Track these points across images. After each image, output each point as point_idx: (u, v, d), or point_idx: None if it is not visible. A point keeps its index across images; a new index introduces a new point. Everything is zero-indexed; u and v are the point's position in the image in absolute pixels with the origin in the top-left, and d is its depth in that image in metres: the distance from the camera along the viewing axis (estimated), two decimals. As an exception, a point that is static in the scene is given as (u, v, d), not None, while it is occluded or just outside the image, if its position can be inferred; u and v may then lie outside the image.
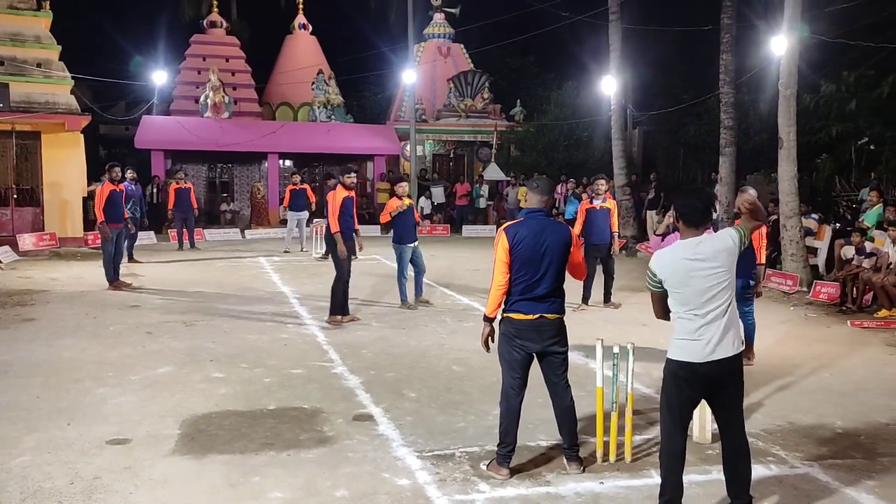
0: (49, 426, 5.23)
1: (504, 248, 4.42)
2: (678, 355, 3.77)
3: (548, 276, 4.42)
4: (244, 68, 26.53)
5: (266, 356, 7.31)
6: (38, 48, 17.02)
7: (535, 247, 4.40)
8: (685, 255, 3.73)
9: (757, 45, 16.85)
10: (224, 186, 25.07)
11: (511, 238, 4.42)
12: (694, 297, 3.71)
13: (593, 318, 9.37)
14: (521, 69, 31.51)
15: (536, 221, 4.49)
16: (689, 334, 3.72)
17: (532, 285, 4.41)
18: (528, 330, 4.44)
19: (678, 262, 3.74)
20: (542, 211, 4.55)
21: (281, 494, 4.22)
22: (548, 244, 4.42)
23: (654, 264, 3.83)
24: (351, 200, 9.09)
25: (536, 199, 4.57)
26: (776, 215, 12.76)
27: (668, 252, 3.83)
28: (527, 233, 4.43)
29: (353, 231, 9.11)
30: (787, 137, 12.35)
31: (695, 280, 3.69)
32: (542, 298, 4.43)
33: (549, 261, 4.42)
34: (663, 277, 3.77)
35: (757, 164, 18.87)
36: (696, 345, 3.70)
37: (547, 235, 4.43)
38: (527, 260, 4.40)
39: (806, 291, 11.47)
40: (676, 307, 3.78)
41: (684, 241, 3.80)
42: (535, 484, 4.42)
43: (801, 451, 5.01)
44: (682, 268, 3.71)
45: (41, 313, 9.32)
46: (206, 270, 13.44)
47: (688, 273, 3.70)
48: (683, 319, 3.75)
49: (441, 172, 26.74)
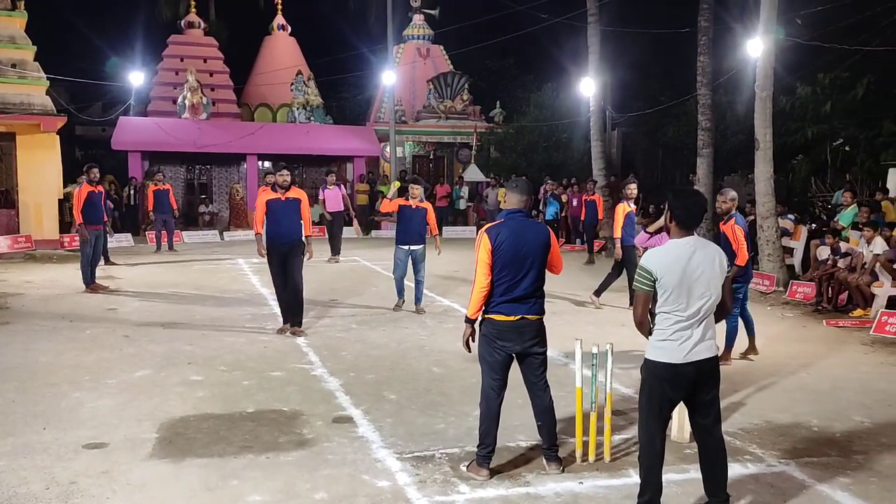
0: (25, 430, 5.16)
1: (486, 250, 4.43)
2: (658, 356, 3.79)
3: (529, 276, 4.44)
4: (222, 69, 26.34)
5: (245, 358, 7.26)
6: (12, 48, 16.79)
7: (516, 248, 4.41)
8: (682, 254, 3.75)
9: (734, 47, 17.04)
10: (202, 188, 24.87)
11: (493, 239, 4.43)
12: (684, 297, 3.72)
13: (574, 319, 9.42)
14: (500, 71, 31.60)
15: (517, 222, 4.50)
16: (671, 335, 3.75)
17: (513, 286, 4.42)
18: (509, 331, 4.45)
19: (676, 260, 3.74)
20: (522, 212, 4.57)
21: (260, 498, 4.19)
22: (529, 245, 4.44)
23: (649, 262, 3.80)
24: (280, 203, 8.04)
25: (516, 199, 4.58)
26: (753, 216, 12.89)
27: (663, 251, 3.84)
28: (508, 234, 4.44)
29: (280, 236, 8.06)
30: (764, 139, 12.49)
31: (690, 280, 3.71)
32: (524, 299, 4.45)
33: (531, 262, 4.43)
34: (659, 276, 3.75)
35: (734, 164, 19.08)
36: (677, 346, 3.74)
37: (528, 236, 4.45)
38: (508, 261, 4.41)
39: (782, 291, 11.61)
40: (662, 307, 3.78)
41: (679, 241, 3.81)
42: (514, 484, 4.43)
43: (777, 449, 5.07)
44: (679, 267, 3.72)
45: (16, 317, 9.19)
46: (184, 272, 13.33)
47: (684, 272, 3.72)
48: (667, 320, 3.76)
49: (421, 174, 26.70)
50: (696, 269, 3.73)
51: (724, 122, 18.87)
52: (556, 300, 10.45)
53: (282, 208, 8.07)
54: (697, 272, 3.73)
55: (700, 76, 15.97)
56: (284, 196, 8.12)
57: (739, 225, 7.14)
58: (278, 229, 8.05)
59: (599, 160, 19.16)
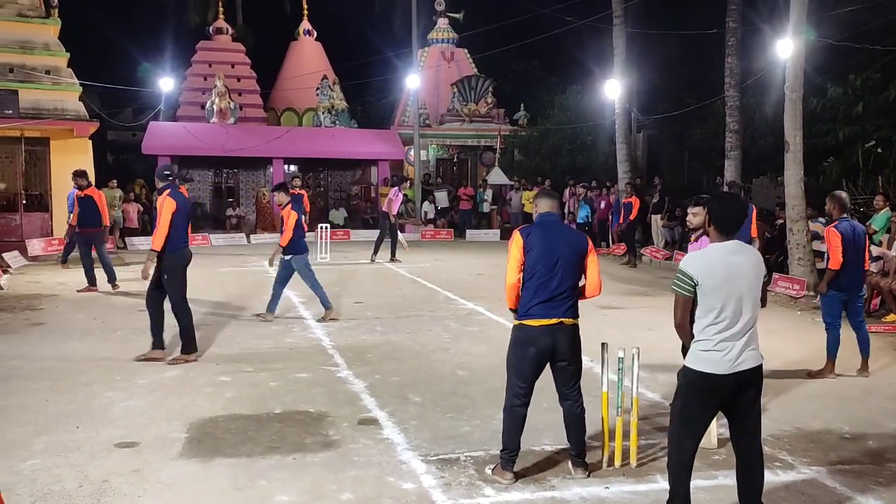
0: (58, 429, 5.26)
1: (518, 247, 4.47)
2: (701, 366, 3.66)
3: (560, 277, 4.42)
4: (249, 74, 26.63)
5: (271, 360, 7.33)
6: (46, 55, 17.14)
7: (547, 247, 4.43)
8: (722, 257, 3.66)
9: (762, 48, 16.84)
10: (230, 191, 25.17)
11: (525, 237, 4.47)
12: (728, 302, 3.61)
13: (599, 322, 9.37)
14: (524, 73, 31.55)
15: (550, 224, 4.55)
16: (715, 346, 3.63)
17: (544, 286, 4.41)
18: (544, 336, 4.42)
19: (718, 263, 3.64)
20: (554, 215, 4.62)
21: (287, 498, 4.23)
22: (560, 246, 4.44)
23: (689, 265, 3.70)
24: (182, 211, 7.19)
25: (548, 203, 4.64)
26: (782, 219, 12.73)
27: (703, 254, 3.77)
28: (540, 233, 4.48)
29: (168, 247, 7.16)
30: (794, 141, 12.33)
31: (731, 284, 3.61)
32: (556, 301, 4.42)
33: (563, 262, 4.43)
34: (700, 280, 3.64)
35: (763, 167, 18.85)
36: (721, 357, 3.62)
37: (560, 238, 4.48)
38: (540, 261, 4.42)
39: (813, 296, 11.44)
40: (705, 313, 3.66)
41: (720, 244, 3.72)
42: (539, 488, 4.42)
43: (808, 456, 5.00)
44: (721, 270, 3.62)
45: (50, 317, 9.36)
46: (211, 275, 13.47)
47: (728, 275, 3.62)
48: (711, 329, 3.64)
49: (445, 177, 26.77)
50: (737, 273, 3.63)
51: (752, 124, 18.64)
52: (580, 303, 10.38)
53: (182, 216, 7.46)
54: (740, 276, 3.63)
55: (728, 77, 15.81)
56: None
57: (837, 230, 6.88)
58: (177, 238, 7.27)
59: (625, 163, 19.05)
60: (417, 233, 22.23)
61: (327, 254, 15.65)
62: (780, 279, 12.16)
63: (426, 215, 23.59)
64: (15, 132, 16.48)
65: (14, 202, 17.03)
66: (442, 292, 11.69)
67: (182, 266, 7.30)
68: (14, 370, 6.83)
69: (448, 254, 17.88)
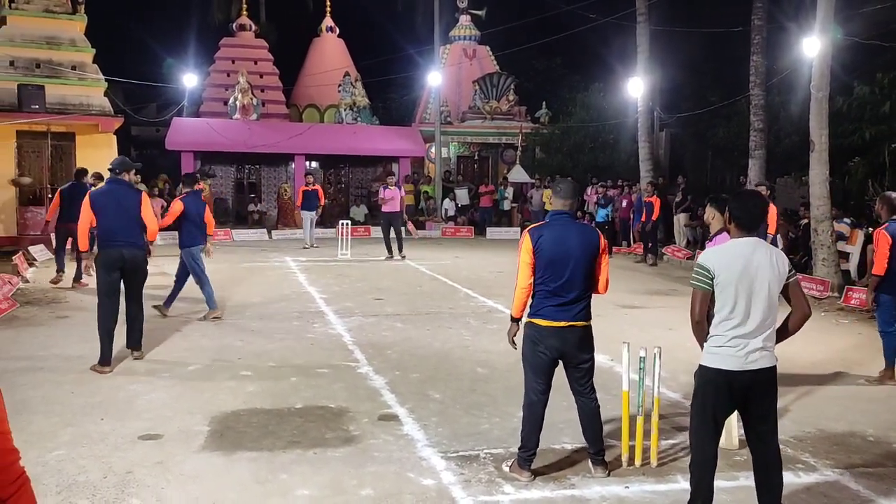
0: (84, 421, 5.34)
1: (527, 250, 4.40)
2: (714, 362, 3.66)
3: (572, 280, 4.35)
4: (272, 70, 26.79)
5: (292, 355, 7.39)
6: (73, 51, 17.37)
7: (558, 249, 4.35)
8: (742, 252, 3.64)
9: (788, 46, 16.66)
10: (252, 187, 25.35)
11: (534, 240, 4.39)
12: (743, 298, 3.59)
13: (620, 321, 9.33)
14: (546, 71, 31.44)
15: (561, 224, 4.45)
16: (728, 342, 3.62)
17: (556, 289, 4.36)
18: (552, 336, 4.40)
19: (735, 258, 3.62)
20: (567, 213, 4.51)
21: (307, 492, 4.27)
22: (572, 247, 4.35)
23: (708, 259, 3.69)
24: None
25: (561, 201, 4.53)
26: (806, 219, 12.60)
27: (721, 248, 3.75)
28: (550, 234, 4.39)
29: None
30: (819, 140, 12.19)
31: (749, 280, 3.59)
32: (568, 304, 4.37)
33: (574, 264, 4.35)
34: (717, 273, 3.62)
35: (787, 167, 18.64)
36: (734, 352, 3.61)
37: (571, 238, 4.38)
38: (550, 262, 4.36)
39: (837, 297, 11.32)
40: (719, 309, 3.65)
41: (740, 240, 3.70)
42: (559, 487, 4.42)
43: (831, 458, 4.96)
44: (739, 265, 3.60)
45: (75, 310, 9.49)
46: (233, 270, 13.59)
47: (745, 271, 3.59)
48: (725, 324, 3.64)
49: (465, 174, 26.76)
50: (756, 269, 3.61)
51: (777, 123, 18.44)
52: (601, 302, 10.35)
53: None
54: (757, 273, 3.60)
55: (753, 76, 15.66)
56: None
57: (887, 232, 6.57)
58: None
59: (647, 161, 18.93)
60: (438, 230, 22.26)
61: (348, 250, 15.71)
62: (804, 280, 12.03)
63: (447, 213, 23.61)
64: (41, 127, 16.70)
65: (40, 196, 17.26)
66: (462, 290, 11.70)
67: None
68: (40, 362, 6.94)
69: (468, 251, 17.88)
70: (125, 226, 6.67)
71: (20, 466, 1.85)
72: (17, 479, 1.83)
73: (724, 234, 5.10)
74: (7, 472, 1.81)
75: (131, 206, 6.76)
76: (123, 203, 6.74)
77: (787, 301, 3.73)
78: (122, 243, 6.65)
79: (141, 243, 6.86)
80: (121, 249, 6.65)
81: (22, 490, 1.83)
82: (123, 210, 6.71)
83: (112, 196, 6.77)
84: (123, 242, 6.65)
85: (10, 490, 1.81)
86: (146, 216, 6.86)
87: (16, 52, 16.88)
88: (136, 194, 6.90)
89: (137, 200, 6.80)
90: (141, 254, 6.84)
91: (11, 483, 1.82)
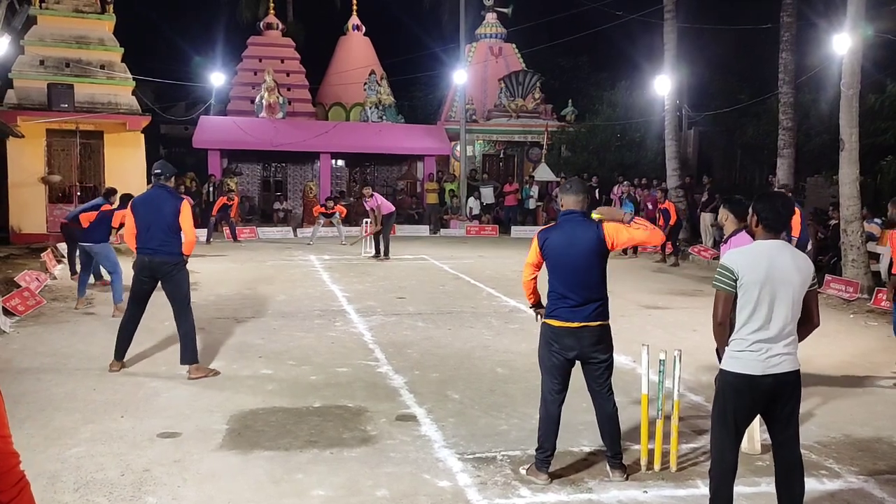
0: (104, 418, 5.40)
1: (534, 251, 4.49)
2: (735, 367, 3.59)
3: (583, 279, 4.32)
4: (299, 69, 26.94)
5: (313, 354, 7.41)
6: (101, 50, 17.63)
7: (566, 249, 4.34)
8: (767, 254, 3.57)
9: (818, 43, 16.38)
10: (277, 185, 25.52)
11: (541, 242, 4.44)
12: (766, 301, 3.52)
13: (642, 322, 9.24)
14: (573, 69, 31.24)
15: (571, 224, 4.42)
16: (750, 346, 3.56)
17: (566, 291, 4.34)
18: (567, 336, 4.36)
19: (760, 259, 3.56)
20: (578, 212, 4.47)
21: (323, 492, 4.26)
22: (579, 246, 4.33)
23: (731, 261, 3.62)
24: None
25: (571, 200, 4.49)
26: (836, 219, 12.37)
27: (746, 249, 3.68)
28: (559, 235, 4.40)
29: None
30: (849, 139, 11.96)
31: (773, 283, 3.52)
32: (580, 305, 4.33)
33: (585, 263, 4.32)
34: (741, 275, 3.55)
35: (817, 166, 18.34)
36: (756, 356, 3.55)
37: (577, 239, 4.35)
38: (558, 263, 4.37)
39: (867, 299, 11.08)
40: (741, 311, 3.58)
41: (765, 242, 3.64)
42: (576, 490, 4.37)
43: (856, 464, 4.84)
44: (763, 267, 3.53)
45: (100, 307, 9.60)
46: (257, 268, 13.69)
47: (770, 274, 3.52)
48: (747, 328, 3.57)
49: (491, 173, 26.69)
50: (781, 271, 3.53)
51: (807, 122, 18.15)
52: (624, 303, 10.26)
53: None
54: (782, 276, 3.53)
55: (782, 74, 15.42)
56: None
57: None
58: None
59: (674, 160, 18.74)
60: (462, 228, 22.22)
61: (372, 248, 15.74)
62: (833, 281, 11.81)
63: (471, 211, 23.57)
64: (70, 125, 16.97)
65: (69, 194, 17.55)
66: (485, 289, 11.66)
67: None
68: (64, 359, 7.04)
69: (492, 250, 17.83)
70: (154, 232, 6.43)
71: (20, 470, 1.86)
72: (18, 482, 1.84)
73: (739, 234, 5.06)
74: (8, 476, 1.83)
75: (168, 213, 6.44)
76: (160, 209, 6.46)
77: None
78: (148, 250, 6.47)
79: (172, 251, 6.47)
80: (144, 256, 6.50)
81: (22, 493, 1.84)
82: (157, 216, 6.44)
83: (151, 202, 6.55)
84: (149, 249, 6.47)
85: (12, 494, 1.82)
86: (184, 225, 6.53)
87: (46, 52, 17.17)
88: (175, 202, 6.55)
89: (176, 208, 6.47)
90: (169, 261, 6.46)
91: (13, 486, 1.83)
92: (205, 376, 6.47)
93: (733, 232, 5.17)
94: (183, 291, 6.57)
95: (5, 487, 1.81)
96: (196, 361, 6.53)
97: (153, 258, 6.45)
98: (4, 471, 1.82)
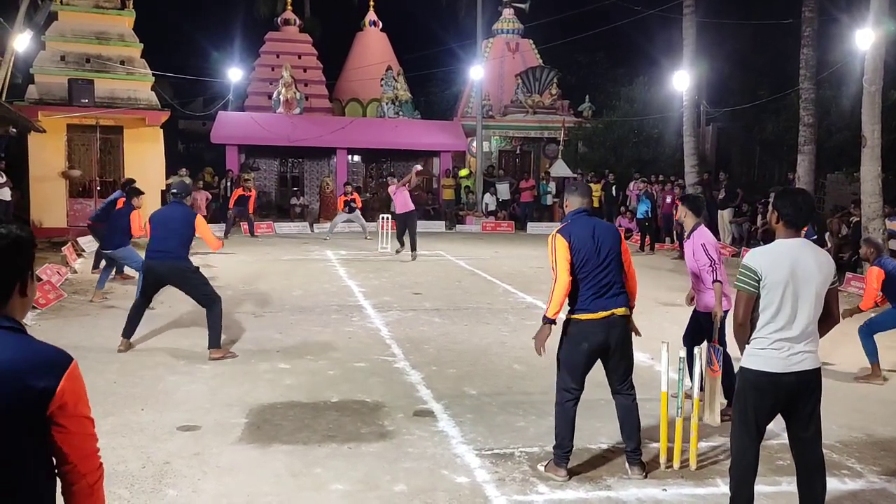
0: (124, 411, 5.44)
1: (564, 248, 4.42)
2: (757, 364, 3.57)
3: (609, 268, 4.42)
4: (316, 65, 26.99)
5: (330, 349, 7.43)
6: (121, 46, 17.75)
7: (592, 243, 4.42)
8: (789, 253, 3.55)
9: (840, 39, 16.19)
10: (294, 181, 25.60)
11: (569, 238, 4.44)
12: (789, 300, 3.50)
13: (660, 319, 9.18)
14: (590, 64, 31.08)
15: (584, 220, 4.56)
16: (772, 344, 3.53)
17: (598, 282, 4.38)
18: (598, 329, 4.37)
19: (783, 258, 3.53)
20: (586, 211, 4.64)
21: (341, 487, 4.28)
22: (602, 238, 4.46)
23: (753, 261, 3.60)
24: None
25: (578, 200, 4.66)
26: (857, 217, 12.24)
27: (768, 248, 3.66)
28: (581, 230, 4.47)
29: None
30: (871, 135, 11.83)
31: (797, 282, 3.50)
32: (609, 294, 4.40)
33: (608, 252, 4.43)
34: (765, 275, 3.53)
35: (838, 163, 18.14)
36: (778, 354, 3.52)
37: (599, 231, 4.49)
38: (588, 257, 4.40)
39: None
40: (764, 310, 3.56)
41: (787, 240, 3.62)
42: (595, 487, 4.36)
43: (878, 465, 4.79)
44: (786, 266, 3.51)
45: (120, 301, 9.68)
46: (274, 263, 13.75)
47: (793, 272, 3.50)
48: (769, 326, 3.54)
49: (507, 169, 26.61)
50: (804, 270, 3.51)
51: (828, 118, 17.94)
52: (641, 299, 10.19)
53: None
54: (805, 275, 3.51)
55: (803, 69, 15.27)
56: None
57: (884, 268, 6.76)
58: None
59: (692, 157, 18.61)
60: (478, 224, 22.19)
61: (388, 244, 15.76)
62: (854, 279, 11.68)
63: (487, 207, 23.53)
64: (90, 121, 17.12)
65: (89, 188, 17.71)
66: (501, 285, 11.64)
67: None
68: (85, 352, 7.09)
69: (508, 246, 17.81)
70: (160, 239, 7.05)
71: (100, 455, 1.92)
72: (99, 467, 1.90)
73: (699, 229, 5.74)
74: (93, 459, 1.89)
75: (178, 224, 7.10)
76: (171, 220, 7.16)
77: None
78: (153, 253, 7.09)
79: (176, 255, 7.02)
80: (150, 260, 7.15)
81: (102, 477, 1.91)
82: (167, 226, 7.11)
83: (164, 214, 7.35)
84: (154, 253, 7.08)
85: (96, 476, 1.88)
86: (203, 236, 7.37)
87: (66, 48, 17.31)
88: (190, 217, 7.21)
89: (186, 220, 7.12)
90: (176, 265, 7.02)
91: (97, 469, 1.89)
92: (223, 357, 6.98)
93: (693, 227, 5.70)
94: (202, 291, 7.12)
95: (91, 470, 1.87)
96: (217, 346, 7.06)
97: (158, 262, 7.08)
98: (89, 453, 1.88)
